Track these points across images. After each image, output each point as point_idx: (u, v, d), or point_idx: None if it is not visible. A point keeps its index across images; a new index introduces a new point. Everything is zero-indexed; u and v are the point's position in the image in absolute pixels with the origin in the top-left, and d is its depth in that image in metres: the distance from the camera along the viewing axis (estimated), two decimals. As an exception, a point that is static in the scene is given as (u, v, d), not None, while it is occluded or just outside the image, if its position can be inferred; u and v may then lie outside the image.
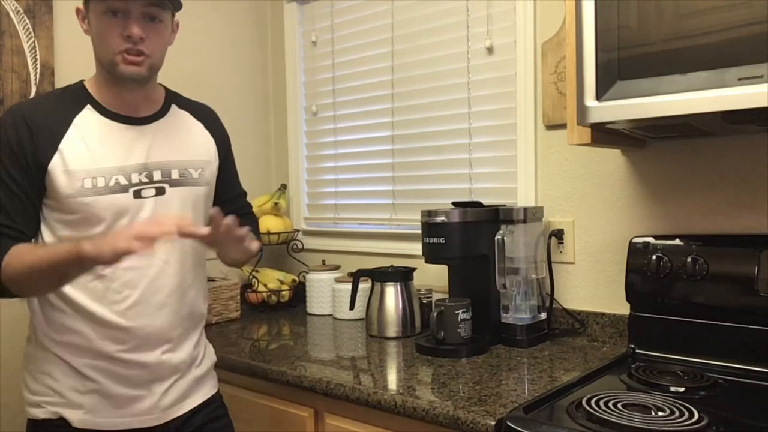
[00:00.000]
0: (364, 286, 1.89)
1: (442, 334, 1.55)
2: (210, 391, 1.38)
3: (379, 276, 1.79)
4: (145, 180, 1.24)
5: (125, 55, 1.18)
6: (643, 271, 1.47)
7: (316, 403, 1.43)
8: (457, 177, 1.97)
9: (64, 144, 1.19)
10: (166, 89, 1.38)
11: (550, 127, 1.73)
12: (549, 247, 1.69)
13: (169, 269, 1.27)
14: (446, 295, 1.73)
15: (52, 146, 1.18)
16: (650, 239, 1.48)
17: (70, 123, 1.21)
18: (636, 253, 1.49)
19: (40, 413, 1.22)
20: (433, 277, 1.94)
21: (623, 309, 1.56)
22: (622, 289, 1.53)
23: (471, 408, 1.15)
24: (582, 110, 1.21)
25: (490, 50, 1.87)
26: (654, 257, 1.45)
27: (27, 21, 1.80)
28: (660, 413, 1.06)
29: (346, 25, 2.24)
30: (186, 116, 1.37)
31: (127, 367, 1.22)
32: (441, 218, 1.58)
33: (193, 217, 1.30)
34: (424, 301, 1.86)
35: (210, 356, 1.42)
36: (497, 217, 1.63)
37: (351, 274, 1.92)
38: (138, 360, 1.23)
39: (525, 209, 1.63)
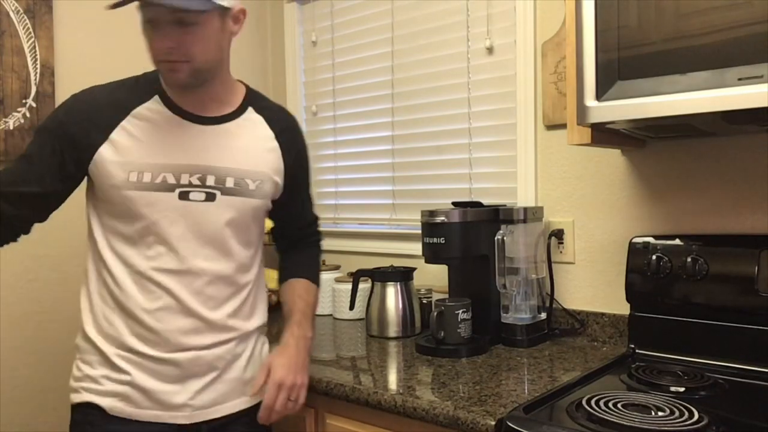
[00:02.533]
0: (364, 286, 1.89)
1: (442, 334, 1.55)
2: (256, 398, 1.27)
3: (379, 276, 1.79)
4: (196, 182, 1.19)
5: (165, 63, 1.13)
6: (643, 271, 1.47)
7: (316, 403, 1.43)
8: (457, 177, 1.97)
9: (117, 134, 1.16)
10: (248, 89, 1.32)
11: (550, 127, 1.73)
12: (549, 247, 1.69)
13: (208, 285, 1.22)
14: (446, 295, 1.73)
15: (101, 135, 1.16)
16: (650, 239, 1.48)
17: (128, 113, 1.18)
18: (636, 253, 1.49)
19: (76, 398, 1.21)
20: (433, 277, 1.94)
21: (623, 309, 1.56)
22: (622, 289, 1.53)
23: (471, 408, 1.15)
24: (582, 110, 1.21)
25: (490, 50, 1.87)
26: (654, 257, 1.45)
27: (27, 21, 1.80)
28: (660, 413, 1.06)
29: (346, 25, 2.24)
30: (259, 122, 1.29)
31: (157, 363, 1.18)
32: (441, 218, 1.58)
33: (238, 229, 1.24)
34: (424, 301, 1.86)
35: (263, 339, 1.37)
36: (497, 217, 1.63)
37: (351, 274, 1.92)
38: (168, 358, 1.18)
39: (525, 209, 1.63)
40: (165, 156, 1.17)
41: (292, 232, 1.45)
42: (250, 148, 1.25)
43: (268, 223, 1.42)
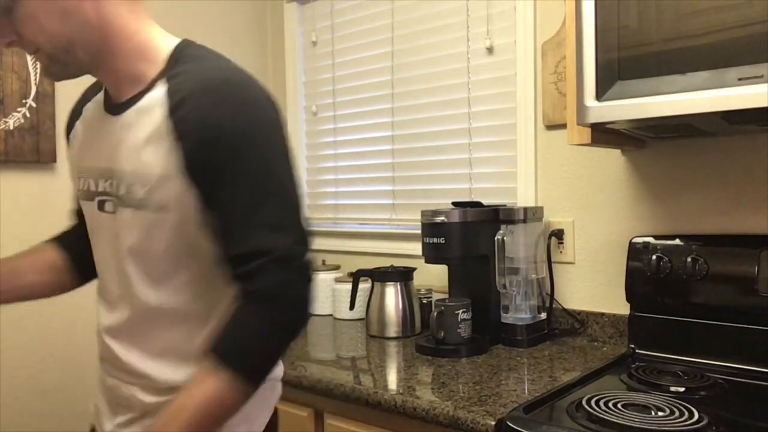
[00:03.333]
0: (364, 286, 1.89)
1: (442, 334, 1.55)
2: None
3: (379, 276, 1.79)
4: (108, 189, 0.95)
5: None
6: (643, 271, 1.47)
7: (316, 403, 1.43)
8: (457, 177, 1.97)
9: (71, 135, 1.06)
10: (176, 51, 0.92)
11: (550, 127, 1.73)
12: (549, 247, 1.69)
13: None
14: (446, 295, 1.73)
15: (66, 138, 1.08)
16: (650, 239, 1.48)
17: (81, 111, 1.05)
18: (636, 253, 1.49)
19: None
20: (433, 277, 1.94)
21: (623, 309, 1.56)
22: (622, 289, 1.53)
23: (471, 408, 1.15)
24: (582, 110, 1.21)
25: (490, 50, 1.87)
26: (654, 257, 1.45)
27: (27, 21, 1.80)
28: (660, 413, 1.06)
29: (346, 25, 2.24)
30: (160, 101, 0.88)
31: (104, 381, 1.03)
32: (441, 218, 1.58)
33: (138, 251, 0.92)
34: (424, 301, 1.86)
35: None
36: (497, 217, 1.63)
37: (351, 274, 1.92)
38: (104, 380, 1.03)
39: (525, 209, 1.63)
40: (88, 158, 0.98)
41: (228, 267, 0.89)
42: (137, 141, 0.89)
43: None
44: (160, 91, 0.89)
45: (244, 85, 0.88)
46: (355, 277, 1.86)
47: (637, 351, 1.48)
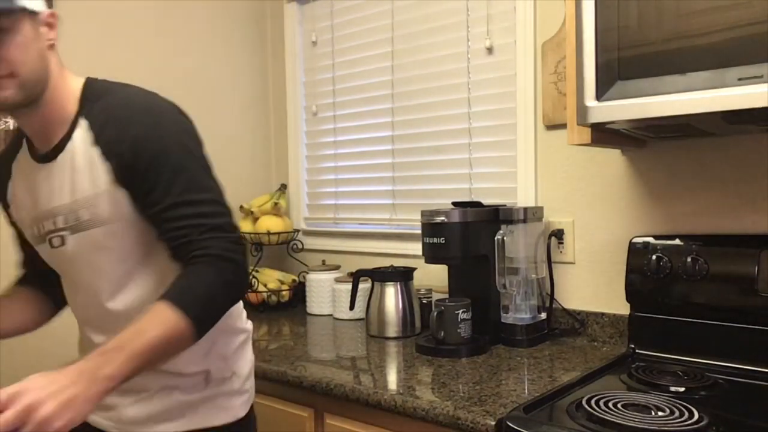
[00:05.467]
0: (364, 286, 1.89)
1: (442, 334, 1.55)
2: (198, 422, 1.12)
3: (379, 276, 1.79)
4: (52, 227, 1.08)
5: None
6: (643, 271, 1.47)
7: (316, 403, 1.43)
8: (457, 177, 1.97)
9: (9, 195, 1.15)
10: (85, 89, 1.06)
11: (550, 127, 1.73)
12: (549, 247, 1.69)
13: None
14: (446, 295, 1.73)
15: (4, 197, 1.16)
16: (650, 239, 1.48)
17: (10, 170, 1.14)
18: (636, 253, 1.49)
19: None
20: (433, 277, 1.94)
21: (623, 309, 1.56)
22: (622, 289, 1.53)
23: (471, 408, 1.15)
24: (582, 110, 1.21)
25: (490, 50, 1.87)
26: (654, 257, 1.45)
27: (27, 21, 1.80)
28: (660, 413, 1.06)
29: (346, 25, 2.24)
30: (85, 135, 1.02)
31: None
32: (441, 218, 1.58)
33: (98, 265, 1.06)
34: (424, 301, 1.86)
35: (217, 383, 1.14)
36: (497, 217, 1.63)
37: (351, 274, 1.92)
38: None
39: (525, 209, 1.63)
40: (30, 206, 1.10)
41: (170, 251, 1.03)
42: (72, 174, 1.03)
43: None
44: (82, 127, 1.03)
45: (151, 102, 1.05)
46: (355, 277, 1.86)
47: (637, 351, 1.48)
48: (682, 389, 1.20)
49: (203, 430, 1.13)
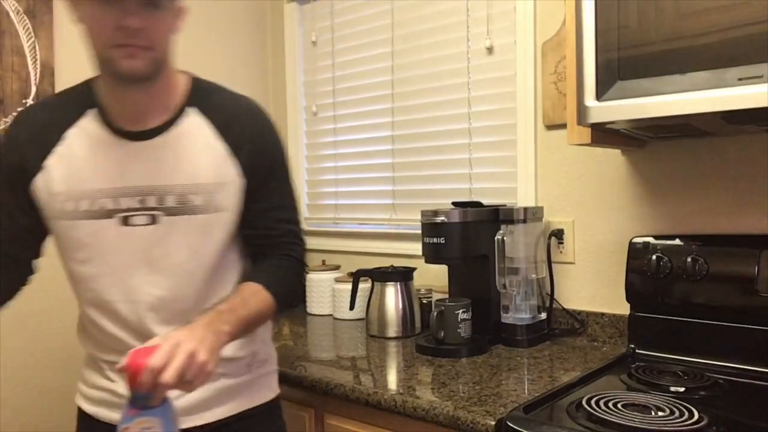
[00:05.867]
0: (364, 286, 1.89)
1: (442, 334, 1.55)
2: (245, 404, 1.18)
3: (379, 276, 1.79)
4: (137, 205, 1.07)
5: (122, 49, 0.98)
6: (643, 271, 1.47)
7: (316, 403, 1.43)
8: (457, 177, 1.97)
9: (51, 161, 1.07)
10: (193, 84, 1.14)
11: (550, 127, 1.73)
12: (549, 247, 1.69)
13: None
14: (446, 295, 1.73)
15: (37, 163, 1.07)
16: (650, 239, 1.48)
17: (61, 137, 1.08)
18: (636, 253, 1.49)
19: (77, 400, 1.21)
20: (433, 277, 1.94)
21: (623, 309, 1.56)
22: (622, 289, 1.53)
23: (471, 408, 1.15)
24: (582, 110, 1.21)
25: (490, 50, 1.87)
26: (654, 257, 1.45)
27: (27, 21, 1.80)
28: (660, 413, 1.06)
29: (346, 25, 2.24)
30: (203, 126, 1.11)
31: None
32: (441, 218, 1.58)
33: (198, 249, 1.10)
34: (424, 301, 1.86)
35: (258, 365, 1.22)
36: (497, 217, 1.63)
37: (351, 274, 1.92)
38: None
39: (525, 209, 1.63)
40: (102, 180, 1.07)
41: (258, 246, 1.19)
42: (192, 159, 1.09)
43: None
44: (196, 118, 1.11)
45: (264, 110, 1.20)
46: (355, 277, 1.86)
47: (637, 351, 1.48)
48: (682, 389, 1.20)
49: (247, 411, 1.19)
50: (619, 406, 1.09)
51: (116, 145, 1.07)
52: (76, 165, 1.07)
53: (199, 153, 1.09)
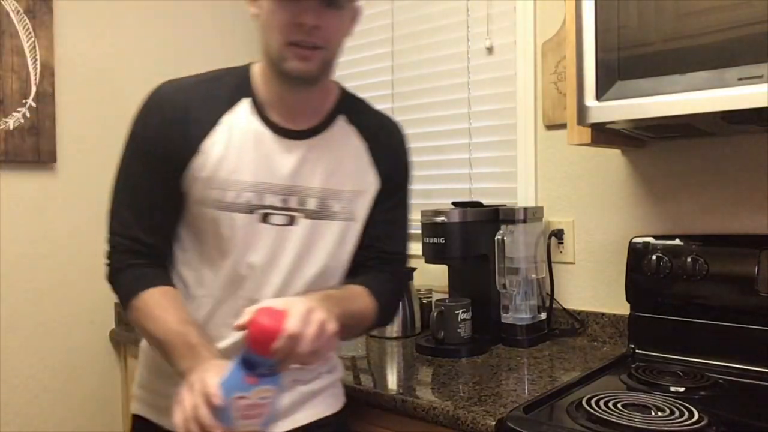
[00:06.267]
0: (364, 286, 1.89)
1: (442, 334, 1.55)
2: (325, 410, 1.15)
3: (379, 276, 1.79)
4: (279, 204, 1.04)
5: (295, 48, 0.97)
6: (643, 271, 1.47)
7: (316, 403, 1.43)
8: (457, 177, 1.97)
9: (207, 144, 1.01)
10: (342, 93, 1.15)
11: (550, 127, 1.73)
12: (549, 247, 1.69)
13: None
14: (446, 295, 1.72)
15: (195, 144, 1.01)
16: (650, 239, 1.48)
17: (217, 121, 1.03)
18: (636, 253, 1.49)
19: (133, 408, 1.16)
20: (433, 277, 1.94)
21: (623, 309, 1.56)
22: (622, 289, 1.53)
23: (471, 408, 1.15)
24: (582, 110, 1.21)
25: (490, 50, 1.87)
26: (654, 257, 1.45)
27: (27, 21, 1.80)
28: (660, 413, 1.06)
29: (346, 25, 2.24)
30: (351, 134, 1.11)
31: None
32: (441, 218, 1.58)
33: (334, 255, 1.09)
34: (424, 301, 1.86)
35: (329, 370, 1.19)
36: (497, 217, 1.63)
37: (351, 274, 1.92)
38: None
39: (525, 209, 1.63)
40: (250, 173, 1.03)
41: (368, 260, 1.16)
42: (339, 166, 1.09)
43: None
44: (347, 126, 1.12)
45: (401, 127, 1.21)
46: (355, 277, 1.86)
47: (637, 351, 1.48)
48: (682, 389, 1.20)
49: (321, 419, 1.15)
50: (619, 406, 1.09)
51: (269, 140, 1.05)
52: (229, 153, 1.02)
53: (346, 159, 1.10)
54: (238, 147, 1.03)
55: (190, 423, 0.81)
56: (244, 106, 1.05)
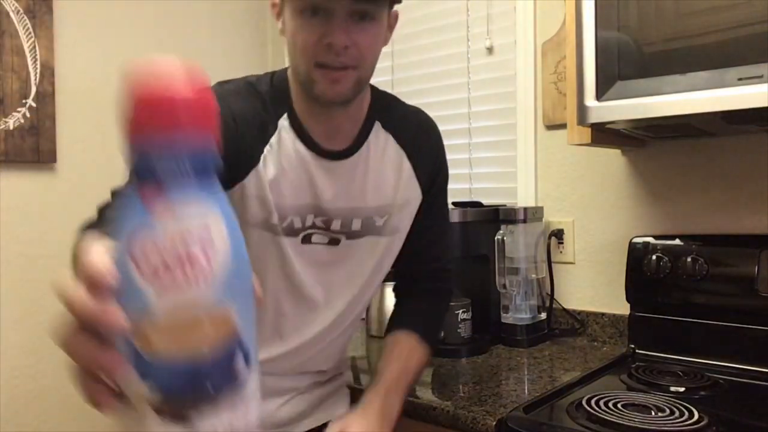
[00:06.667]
0: (364, 286, 1.89)
1: (442, 334, 1.55)
2: (335, 413, 1.16)
3: (379, 276, 1.79)
4: (320, 224, 1.01)
5: (325, 71, 0.89)
6: (643, 271, 1.47)
7: (316, 403, 1.43)
8: (457, 177, 1.97)
9: (261, 164, 0.94)
10: (373, 95, 1.07)
11: (550, 127, 1.73)
12: (549, 247, 1.69)
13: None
14: (446, 295, 1.72)
15: (257, 154, 0.94)
16: (650, 239, 1.48)
17: (268, 139, 0.95)
18: (636, 253, 1.49)
19: None
20: (433, 277, 1.94)
21: (623, 309, 1.56)
22: (622, 289, 1.53)
23: (471, 408, 1.15)
24: (582, 110, 1.21)
25: (490, 50, 1.87)
26: (654, 257, 1.44)
27: (27, 21, 1.80)
28: (660, 413, 1.06)
29: (346, 25, 2.24)
30: (387, 142, 1.05)
31: None
32: (441, 218, 1.58)
33: (374, 270, 1.08)
34: (424, 301, 1.86)
35: (343, 373, 1.25)
36: (497, 217, 1.63)
37: (351, 274, 1.92)
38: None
39: (525, 209, 1.63)
40: (293, 196, 0.98)
41: (413, 271, 1.17)
42: (379, 180, 1.03)
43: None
44: (382, 134, 1.05)
45: (437, 127, 1.14)
46: (355, 277, 1.86)
47: (637, 351, 1.48)
48: (682, 389, 1.20)
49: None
50: (619, 406, 1.09)
51: (310, 162, 0.98)
52: (275, 174, 0.96)
53: (387, 173, 1.04)
54: (283, 167, 0.96)
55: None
56: (285, 122, 0.98)
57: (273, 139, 0.96)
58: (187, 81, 0.38)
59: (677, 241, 1.44)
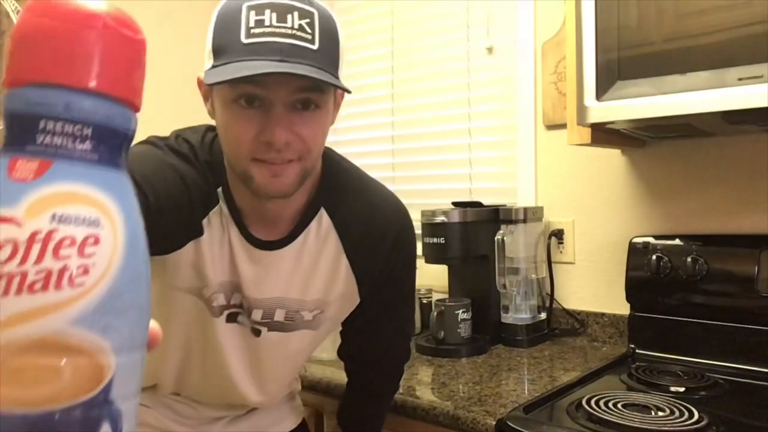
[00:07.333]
0: (364, 286, 1.89)
1: (442, 334, 1.55)
2: (287, 426, 1.16)
3: (379, 276, 1.79)
4: (246, 307, 0.94)
5: (264, 164, 0.78)
6: (643, 271, 1.47)
7: (316, 403, 1.43)
8: (457, 177, 1.97)
9: (206, 235, 0.87)
10: (324, 174, 0.93)
11: (550, 127, 1.73)
12: (549, 247, 1.69)
13: None
14: (446, 295, 1.72)
15: (194, 231, 0.86)
16: (650, 239, 1.48)
17: (208, 212, 0.87)
18: (636, 253, 1.49)
19: None
20: (433, 277, 1.94)
21: (623, 309, 1.56)
22: (622, 289, 1.53)
23: (471, 408, 1.15)
24: (582, 110, 1.21)
25: (490, 50, 1.87)
26: (654, 257, 1.45)
27: (27, 21, 1.80)
28: (660, 413, 1.06)
29: (346, 25, 2.24)
30: (329, 234, 0.93)
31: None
32: (441, 218, 1.58)
33: (296, 357, 1.04)
34: (424, 301, 1.86)
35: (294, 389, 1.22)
36: (497, 217, 1.63)
37: (351, 274, 1.92)
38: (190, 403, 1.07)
39: (525, 209, 1.63)
40: (219, 272, 0.90)
41: (362, 360, 1.15)
42: (307, 273, 0.93)
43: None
44: (325, 222, 0.92)
45: (402, 218, 1.00)
46: (355, 277, 1.86)
47: (637, 351, 1.48)
48: (682, 389, 1.20)
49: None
50: (619, 406, 1.09)
51: (236, 245, 0.89)
52: (207, 250, 0.88)
53: (322, 267, 0.94)
54: (213, 244, 0.88)
55: None
56: (218, 210, 0.88)
57: (213, 211, 0.87)
58: (100, 13, 0.29)
59: (677, 241, 1.44)
